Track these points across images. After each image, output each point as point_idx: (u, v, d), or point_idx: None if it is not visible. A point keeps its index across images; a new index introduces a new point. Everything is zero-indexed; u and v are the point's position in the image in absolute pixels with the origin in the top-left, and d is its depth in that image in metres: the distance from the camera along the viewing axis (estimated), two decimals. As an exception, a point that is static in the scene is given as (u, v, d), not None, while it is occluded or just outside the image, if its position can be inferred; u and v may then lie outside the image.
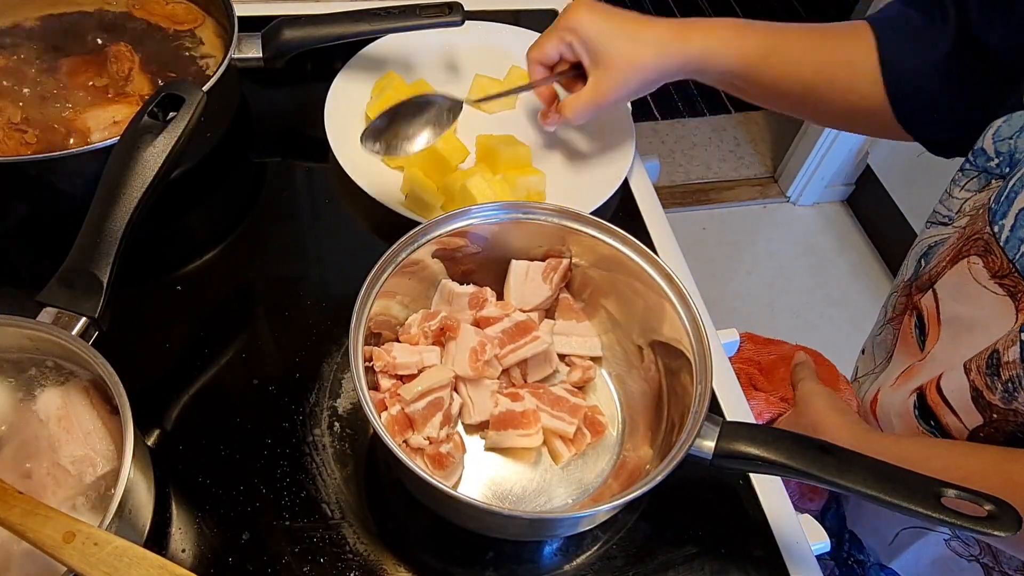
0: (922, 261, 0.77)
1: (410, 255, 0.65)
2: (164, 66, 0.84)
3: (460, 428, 0.68)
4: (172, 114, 0.64)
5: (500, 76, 0.97)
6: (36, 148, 0.76)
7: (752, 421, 0.76)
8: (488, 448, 0.68)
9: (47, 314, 0.57)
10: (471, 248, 0.70)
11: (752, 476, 0.70)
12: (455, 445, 0.64)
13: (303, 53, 0.85)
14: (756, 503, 0.69)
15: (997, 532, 0.51)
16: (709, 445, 0.58)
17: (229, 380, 0.71)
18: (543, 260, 0.72)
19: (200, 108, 0.65)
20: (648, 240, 0.86)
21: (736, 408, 0.75)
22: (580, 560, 0.65)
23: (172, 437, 0.67)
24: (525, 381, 0.70)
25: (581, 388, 0.71)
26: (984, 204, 0.68)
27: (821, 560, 0.68)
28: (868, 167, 2.33)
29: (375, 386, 0.65)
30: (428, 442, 0.63)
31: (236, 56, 0.82)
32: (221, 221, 0.84)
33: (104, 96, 0.81)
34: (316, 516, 0.64)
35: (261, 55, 0.84)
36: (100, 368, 0.54)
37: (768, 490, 0.70)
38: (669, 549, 0.66)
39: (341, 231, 0.85)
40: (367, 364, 0.63)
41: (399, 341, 0.68)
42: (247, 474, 0.65)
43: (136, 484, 0.57)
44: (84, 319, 0.57)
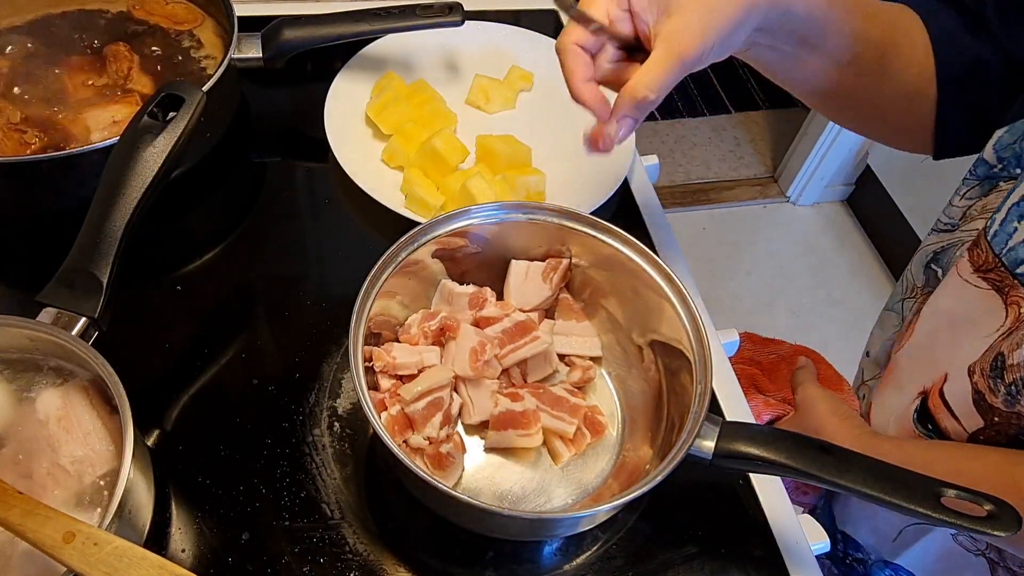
0: (932, 266, 0.77)
1: (410, 255, 0.65)
2: (164, 66, 0.85)
3: (460, 428, 0.68)
4: (172, 114, 0.64)
5: (500, 76, 0.97)
6: (36, 148, 0.76)
7: (752, 421, 0.76)
8: (488, 448, 0.68)
9: (47, 314, 0.57)
10: (471, 248, 0.70)
11: (752, 476, 0.70)
12: (455, 445, 0.64)
13: (303, 53, 0.85)
14: (756, 503, 0.69)
15: (997, 532, 0.51)
16: (709, 445, 0.58)
17: (229, 380, 0.71)
18: (543, 260, 0.72)
19: (200, 108, 0.65)
20: (648, 240, 0.86)
21: (736, 408, 0.75)
22: (580, 560, 0.65)
23: (172, 437, 0.67)
24: (525, 381, 0.70)
25: (581, 388, 0.71)
26: (995, 205, 0.67)
27: (818, 560, 0.68)
28: (868, 167, 2.33)
29: (375, 386, 0.65)
30: (428, 442, 0.63)
31: (236, 56, 0.82)
32: (221, 221, 0.84)
33: (104, 96, 0.81)
34: (316, 516, 0.64)
35: (261, 55, 0.84)
36: (100, 368, 0.54)
37: (768, 490, 0.70)
38: (669, 549, 0.66)
39: (341, 231, 0.85)
40: (367, 364, 0.63)
41: (399, 341, 0.68)
42: (247, 474, 0.65)
43: (136, 484, 0.57)
44: (84, 319, 0.57)
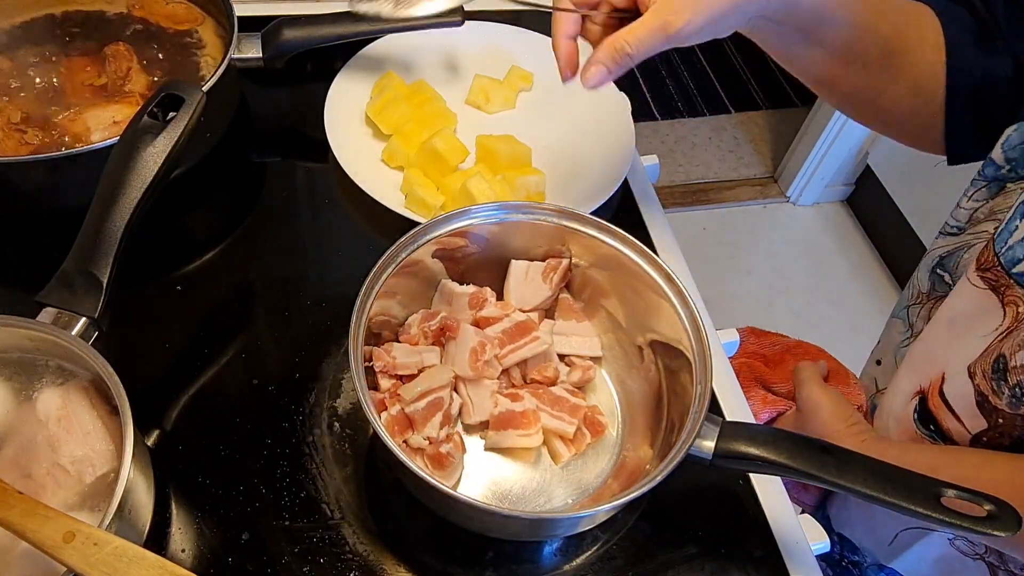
0: (938, 271, 0.76)
1: (410, 255, 0.65)
2: (164, 66, 0.84)
3: (460, 428, 0.68)
4: (172, 114, 0.64)
5: (500, 76, 0.97)
6: (36, 148, 0.76)
7: (752, 421, 0.76)
8: (488, 448, 0.68)
9: (47, 314, 0.57)
10: (471, 248, 0.70)
11: (752, 476, 0.70)
12: (455, 445, 0.64)
13: (303, 53, 0.85)
14: (756, 503, 0.69)
15: (997, 532, 0.51)
16: (709, 445, 0.58)
17: (229, 380, 0.71)
18: (543, 260, 0.72)
19: (200, 108, 0.65)
20: (648, 240, 0.86)
21: (736, 408, 0.75)
22: (580, 560, 0.65)
23: (172, 437, 0.67)
24: (525, 381, 0.70)
25: (581, 388, 0.71)
26: (1003, 207, 0.67)
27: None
28: (868, 167, 2.33)
29: (375, 386, 0.65)
30: (428, 442, 0.63)
31: (236, 56, 0.82)
32: (221, 221, 0.84)
33: (104, 96, 0.81)
34: (316, 516, 0.64)
35: (261, 55, 0.84)
36: (100, 368, 0.54)
37: (768, 490, 0.70)
38: (669, 549, 0.66)
39: (341, 231, 0.85)
40: (367, 364, 0.63)
41: (399, 341, 0.68)
42: (247, 474, 0.65)
43: (136, 484, 0.57)
44: (84, 319, 0.57)
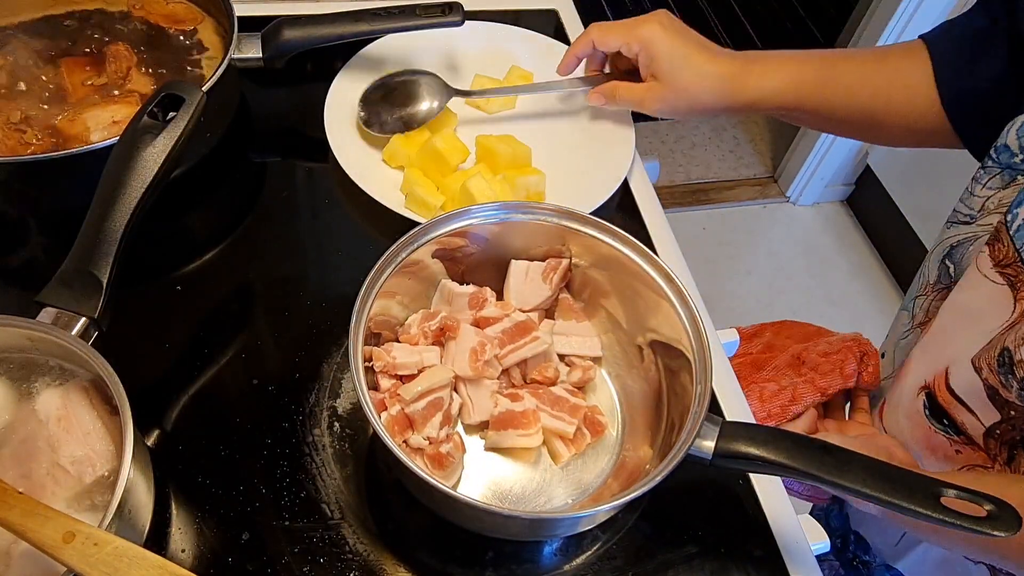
0: (947, 262, 0.76)
1: (410, 255, 0.65)
2: (163, 66, 0.84)
3: (460, 428, 0.68)
4: (172, 114, 0.64)
5: (500, 76, 0.97)
6: (36, 148, 0.76)
7: (752, 421, 0.76)
8: (488, 448, 0.68)
9: (47, 314, 0.57)
10: (471, 248, 0.70)
11: (752, 476, 0.70)
12: (455, 445, 0.64)
13: (303, 53, 0.85)
14: (756, 503, 0.69)
15: (997, 532, 0.51)
16: (709, 445, 0.58)
17: (229, 380, 0.71)
18: (543, 260, 0.72)
19: (200, 108, 0.65)
20: (648, 240, 0.86)
21: (736, 408, 0.75)
22: (580, 560, 0.65)
23: (172, 437, 0.67)
24: (525, 381, 0.70)
25: (581, 388, 0.71)
26: (1011, 200, 0.67)
27: (826, 560, 0.68)
28: (868, 167, 2.33)
29: (375, 386, 0.65)
30: (428, 442, 0.63)
31: (236, 56, 0.82)
32: (221, 221, 0.84)
33: (103, 96, 0.81)
34: (316, 516, 0.64)
35: (261, 55, 0.83)
36: (100, 368, 0.54)
37: (768, 490, 0.70)
38: (669, 549, 0.66)
39: (341, 231, 0.85)
40: (367, 364, 0.63)
41: (399, 341, 0.68)
42: (247, 474, 0.65)
43: (136, 484, 0.57)
44: (84, 319, 0.57)
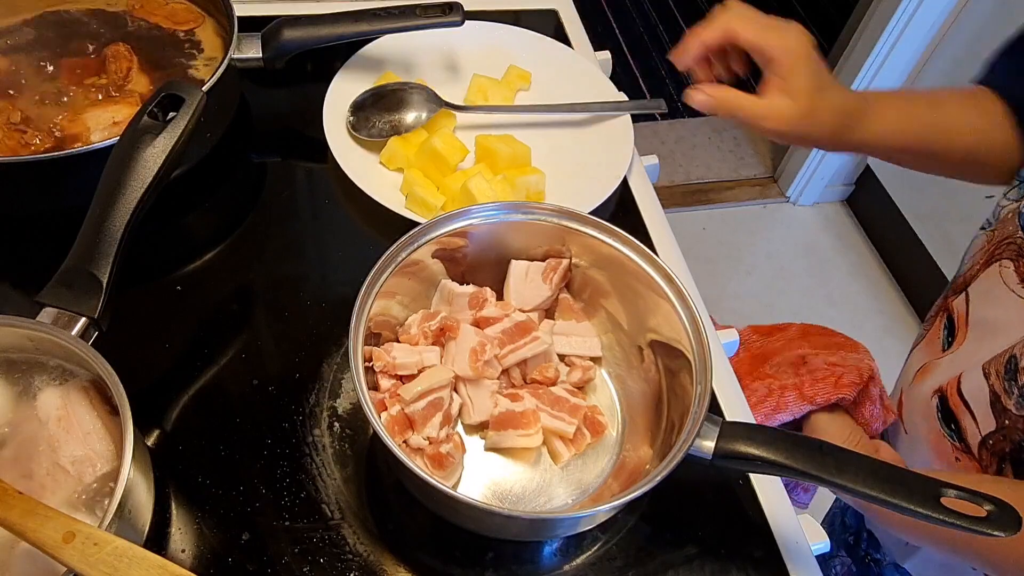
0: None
1: (410, 255, 0.65)
2: (164, 66, 0.84)
3: (460, 428, 0.68)
4: (172, 114, 0.64)
5: (499, 76, 0.97)
6: (36, 148, 0.76)
7: (752, 421, 0.76)
8: (488, 448, 0.68)
9: (47, 314, 0.57)
10: (471, 248, 0.70)
11: (752, 476, 0.70)
12: (455, 445, 0.64)
13: (303, 53, 0.85)
14: (756, 503, 0.69)
15: (997, 532, 0.51)
16: (709, 445, 0.58)
17: (229, 380, 0.71)
18: (543, 260, 0.72)
19: (200, 108, 0.65)
20: (648, 240, 0.86)
21: (736, 408, 0.75)
22: (580, 560, 0.65)
23: (172, 437, 0.67)
24: (525, 381, 0.70)
25: (581, 388, 0.71)
26: (1015, 209, 0.67)
27: (839, 556, 0.68)
28: (868, 167, 2.33)
29: (375, 386, 0.65)
30: (428, 442, 0.63)
31: (236, 56, 0.82)
32: (221, 221, 0.84)
33: (104, 96, 0.81)
34: (316, 516, 0.64)
35: (261, 55, 0.84)
36: (100, 368, 0.54)
37: (768, 490, 0.70)
38: (669, 549, 0.66)
39: (341, 231, 0.85)
40: (367, 364, 0.63)
41: (399, 341, 0.68)
42: (247, 474, 0.65)
43: (136, 484, 0.57)
44: (84, 319, 0.57)
